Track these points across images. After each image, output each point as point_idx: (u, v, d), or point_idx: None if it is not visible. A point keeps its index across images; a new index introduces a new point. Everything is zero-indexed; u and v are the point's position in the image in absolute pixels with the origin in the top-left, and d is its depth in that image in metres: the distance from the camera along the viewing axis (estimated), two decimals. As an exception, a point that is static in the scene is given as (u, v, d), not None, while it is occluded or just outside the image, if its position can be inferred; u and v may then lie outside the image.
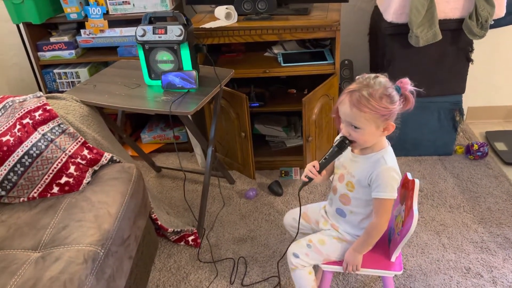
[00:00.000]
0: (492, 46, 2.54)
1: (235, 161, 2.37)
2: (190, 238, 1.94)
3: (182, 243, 1.95)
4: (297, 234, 1.48)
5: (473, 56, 2.19)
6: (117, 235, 1.38)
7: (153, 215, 1.84)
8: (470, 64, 2.21)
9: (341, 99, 1.25)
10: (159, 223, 1.85)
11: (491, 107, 2.78)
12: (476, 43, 2.16)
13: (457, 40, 2.12)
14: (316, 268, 1.46)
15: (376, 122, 1.21)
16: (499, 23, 2.08)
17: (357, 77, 1.25)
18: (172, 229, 1.88)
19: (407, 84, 1.21)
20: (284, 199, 2.21)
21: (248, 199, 2.23)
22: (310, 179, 1.33)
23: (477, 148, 2.38)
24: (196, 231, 1.95)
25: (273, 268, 1.80)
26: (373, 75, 1.23)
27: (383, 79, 1.22)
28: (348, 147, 1.30)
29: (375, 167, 1.27)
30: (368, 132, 1.22)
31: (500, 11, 2.02)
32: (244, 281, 1.75)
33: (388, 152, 1.30)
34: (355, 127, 1.23)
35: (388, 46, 2.17)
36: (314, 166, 1.32)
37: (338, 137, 1.39)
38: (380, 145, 1.30)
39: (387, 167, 1.25)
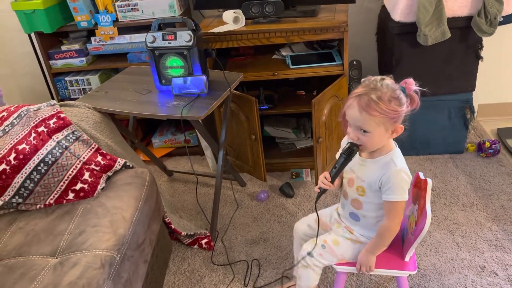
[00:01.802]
0: (502, 43, 2.53)
1: (245, 163, 2.39)
2: (203, 241, 1.95)
3: (196, 246, 1.97)
4: (316, 239, 1.45)
5: (483, 53, 2.17)
6: (133, 239, 1.40)
7: (166, 219, 1.85)
8: (479, 61, 2.20)
9: (348, 103, 1.23)
10: (173, 226, 1.87)
11: (502, 104, 2.76)
12: (486, 40, 2.14)
13: (466, 37, 2.11)
14: (330, 269, 1.47)
15: (385, 125, 1.20)
16: (508, 19, 2.06)
17: (362, 80, 1.25)
18: (185, 233, 1.90)
19: (412, 84, 1.21)
20: (295, 200, 2.22)
21: (259, 201, 2.24)
22: (324, 190, 1.31)
23: (488, 145, 2.37)
24: (209, 234, 1.97)
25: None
26: (379, 77, 1.22)
27: (389, 81, 1.21)
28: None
29: (385, 170, 1.26)
30: (377, 135, 1.21)
31: (508, 7, 2.00)
32: (258, 283, 1.76)
33: (397, 154, 1.29)
34: (364, 131, 1.21)
35: (396, 45, 2.17)
36: (325, 178, 1.30)
37: (343, 141, 1.39)
38: (388, 148, 1.29)
39: (398, 169, 1.25)
